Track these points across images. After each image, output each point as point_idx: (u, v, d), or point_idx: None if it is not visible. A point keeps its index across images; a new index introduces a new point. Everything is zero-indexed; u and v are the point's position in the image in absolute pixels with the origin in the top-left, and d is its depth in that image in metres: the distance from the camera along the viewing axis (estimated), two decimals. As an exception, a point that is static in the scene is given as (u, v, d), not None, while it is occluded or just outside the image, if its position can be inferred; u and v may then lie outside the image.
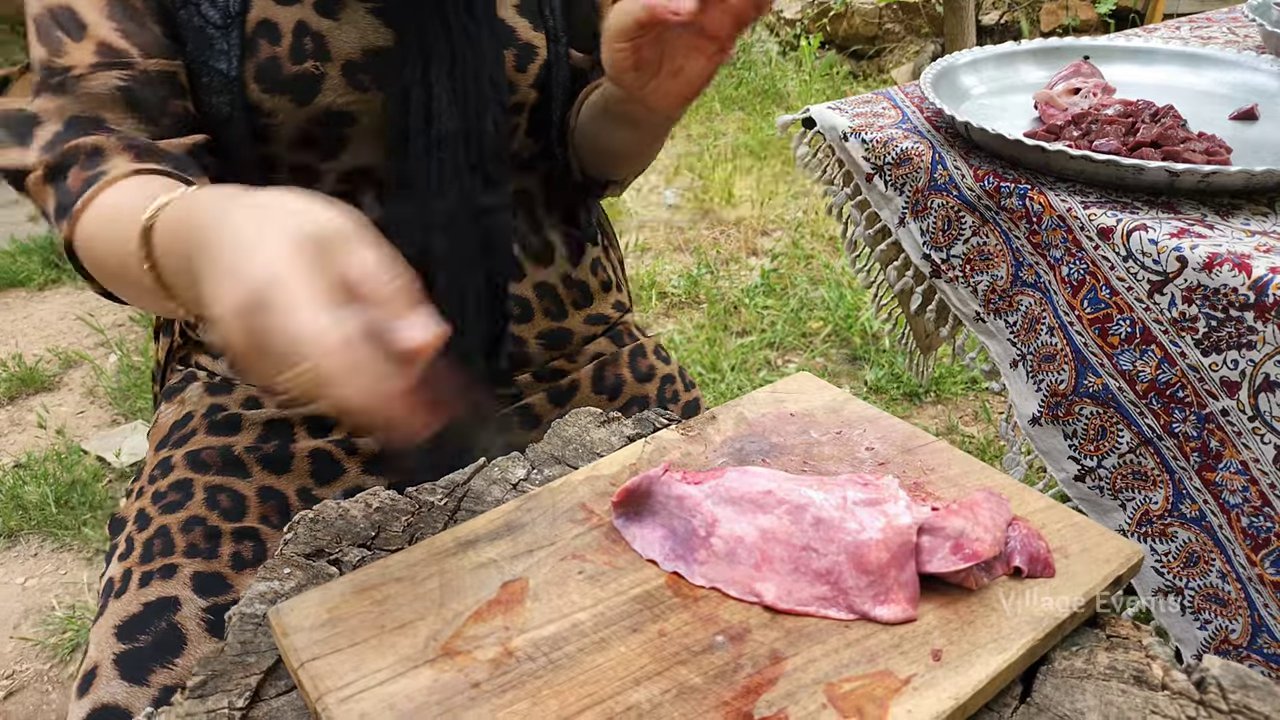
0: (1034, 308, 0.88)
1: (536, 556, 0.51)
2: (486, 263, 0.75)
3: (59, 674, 1.38)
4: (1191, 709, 0.44)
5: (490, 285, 0.76)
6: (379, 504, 0.58)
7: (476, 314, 0.76)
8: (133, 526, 0.73)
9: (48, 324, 2.30)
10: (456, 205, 0.73)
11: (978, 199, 0.91)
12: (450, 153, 0.72)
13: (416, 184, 0.72)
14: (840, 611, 0.47)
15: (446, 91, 0.71)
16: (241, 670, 0.47)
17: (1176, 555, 0.78)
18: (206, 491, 0.73)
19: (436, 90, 0.71)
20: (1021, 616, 0.47)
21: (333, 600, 0.49)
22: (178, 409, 0.79)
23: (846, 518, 0.48)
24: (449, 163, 0.72)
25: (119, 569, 0.70)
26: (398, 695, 0.43)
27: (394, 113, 0.71)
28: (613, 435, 0.65)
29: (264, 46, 0.68)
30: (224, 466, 0.74)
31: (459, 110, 0.72)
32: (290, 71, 0.68)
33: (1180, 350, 0.74)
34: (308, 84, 0.69)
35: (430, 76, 0.70)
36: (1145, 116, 0.92)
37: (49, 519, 1.63)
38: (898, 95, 1.14)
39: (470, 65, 0.71)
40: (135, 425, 1.88)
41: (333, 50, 0.69)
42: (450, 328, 0.65)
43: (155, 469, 0.76)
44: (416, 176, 0.72)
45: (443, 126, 0.71)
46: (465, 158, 0.73)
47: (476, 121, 0.73)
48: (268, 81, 0.68)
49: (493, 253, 0.76)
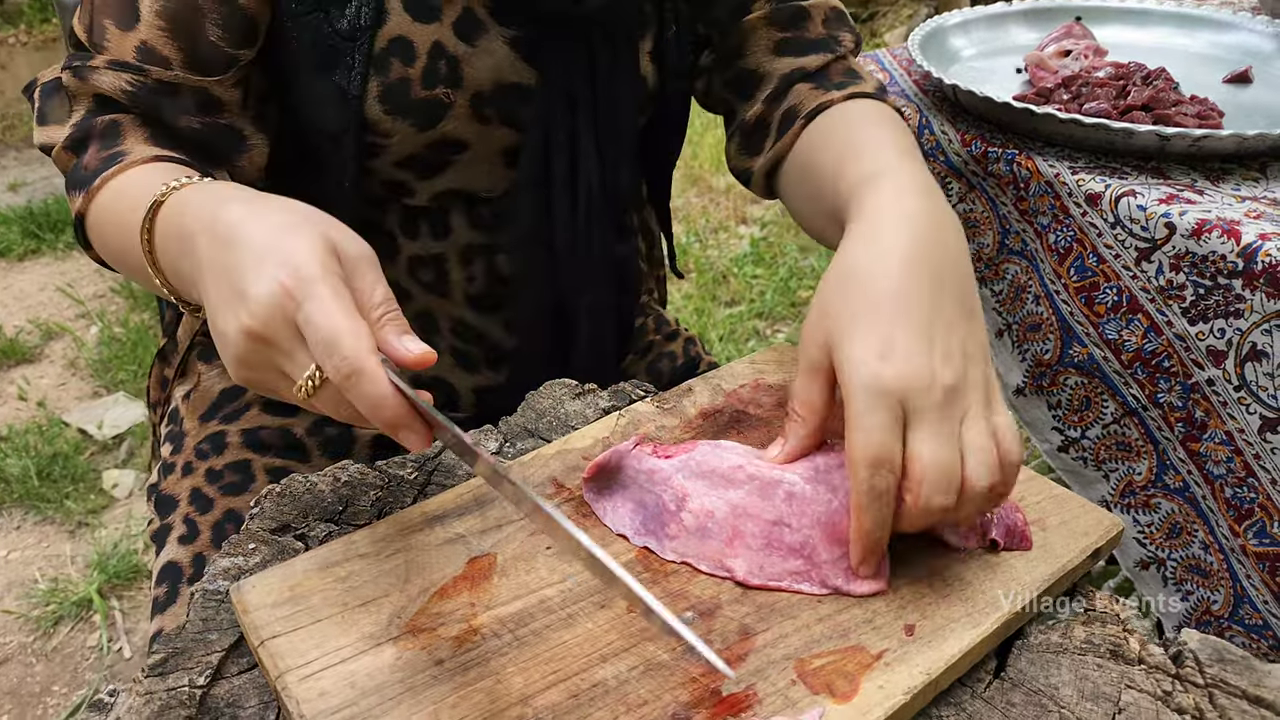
0: (1020, 276, 0.86)
1: (505, 532, 0.50)
2: (621, 306, 0.76)
3: (43, 647, 1.37)
4: (1168, 683, 0.43)
5: (621, 327, 0.77)
6: (347, 478, 0.57)
7: (613, 355, 0.76)
8: (190, 508, 0.70)
9: (27, 295, 2.27)
10: (599, 259, 0.71)
11: (964, 164, 0.89)
12: (596, 208, 0.69)
13: (557, 235, 0.69)
14: (813, 586, 0.46)
15: (591, 141, 0.68)
16: (203, 648, 0.46)
17: (1159, 526, 0.77)
18: (269, 474, 0.71)
19: (583, 142, 0.67)
20: (996, 590, 0.46)
21: (295, 577, 0.48)
22: (224, 375, 0.76)
23: (819, 488, 0.47)
24: (596, 218, 0.69)
25: (185, 553, 0.68)
26: (359, 673, 0.42)
27: (532, 159, 0.67)
28: (588, 408, 0.63)
29: (395, 66, 0.62)
30: (284, 448, 0.72)
31: (600, 161, 0.69)
32: (419, 96, 0.63)
33: (1167, 319, 0.73)
34: (434, 110, 0.64)
35: (578, 124, 0.67)
36: (1136, 79, 0.90)
37: (31, 492, 1.62)
38: (885, 57, 1.12)
39: (613, 115, 0.68)
40: (117, 398, 1.86)
41: (466, 78, 0.64)
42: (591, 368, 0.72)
43: (204, 442, 0.73)
44: (557, 228, 0.69)
45: (591, 180, 0.68)
46: (604, 210, 0.70)
47: (614, 173, 0.70)
48: (393, 103, 0.63)
49: (626, 297, 0.76)
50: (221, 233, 0.45)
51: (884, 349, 0.43)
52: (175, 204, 0.51)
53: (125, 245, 0.55)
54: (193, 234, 0.47)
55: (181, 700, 0.43)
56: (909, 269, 0.45)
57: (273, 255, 0.43)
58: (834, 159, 0.58)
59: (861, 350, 0.43)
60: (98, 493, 1.64)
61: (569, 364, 0.74)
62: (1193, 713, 0.42)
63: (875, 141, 0.57)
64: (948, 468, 0.42)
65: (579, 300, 0.72)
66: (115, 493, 1.64)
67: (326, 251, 0.43)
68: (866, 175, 0.53)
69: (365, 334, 0.41)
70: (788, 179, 0.69)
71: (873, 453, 0.42)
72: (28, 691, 1.31)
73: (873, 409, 0.42)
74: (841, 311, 0.45)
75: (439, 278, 0.73)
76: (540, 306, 0.72)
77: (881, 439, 0.42)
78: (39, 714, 1.28)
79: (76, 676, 1.33)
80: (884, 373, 0.42)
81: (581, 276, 0.71)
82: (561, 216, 0.69)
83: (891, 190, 0.50)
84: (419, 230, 0.72)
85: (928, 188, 0.51)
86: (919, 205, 0.48)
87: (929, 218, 0.48)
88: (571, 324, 0.73)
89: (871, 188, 0.51)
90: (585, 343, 0.73)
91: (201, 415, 0.75)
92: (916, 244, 0.46)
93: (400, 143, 0.65)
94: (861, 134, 0.60)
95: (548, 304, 0.72)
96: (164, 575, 0.68)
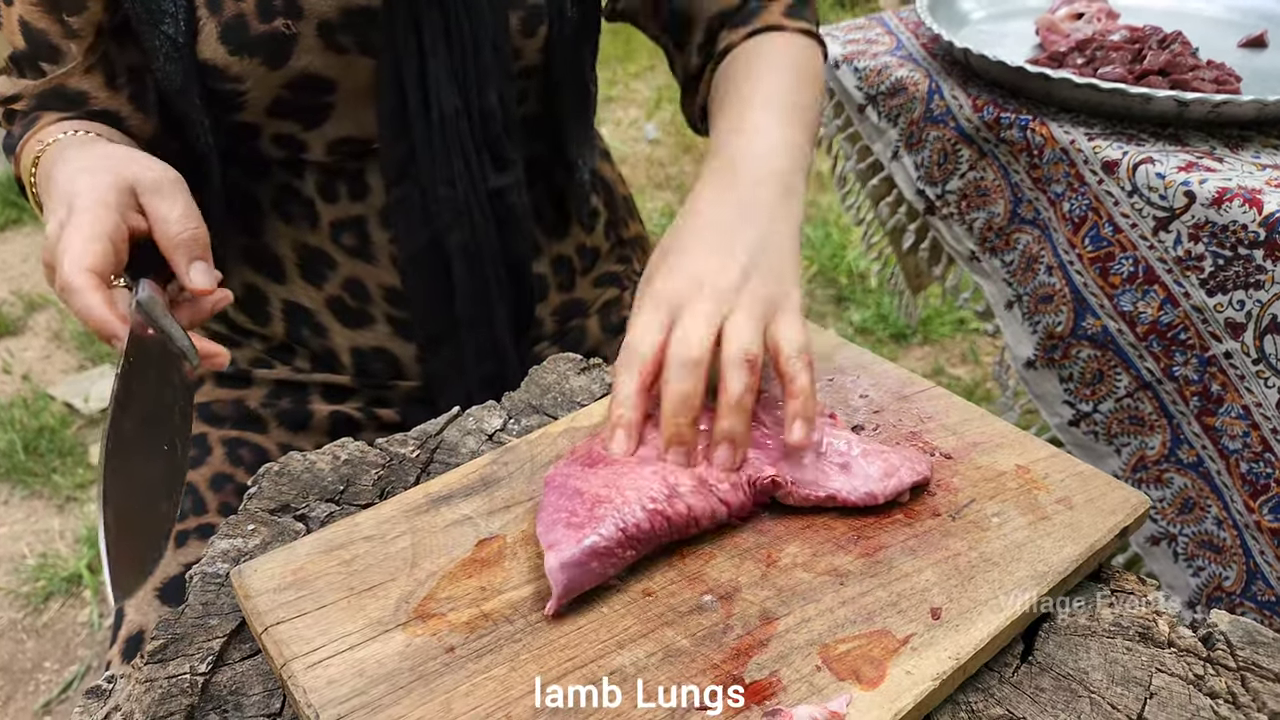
0: (1032, 246, 0.84)
1: (514, 513, 0.48)
2: (505, 246, 0.70)
3: (33, 623, 1.36)
4: (1199, 666, 0.42)
5: (512, 270, 0.72)
6: (348, 456, 0.55)
7: (500, 300, 0.71)
8: None
9: (9, 265, 2.22)
10: (467, 191, 0.67)
11: (976, 131, 0.87)
12: (453, 134, 0.65)
13: (420, 169, 0.66)
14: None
15: (444, 65, 0.64)
16: (203, 633, 0.45)
17: (1171, 501, 0.76)
18: (225, 445, 0.70)
19: (432, 64, 0.64)
20: (1024, 571, 0.44)
21: (298, 560, 0.46)
22: None
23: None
24: (454, 145, 0.66)
25: None
26: (368, 660, 0.41)
27: (387, 89, 0.64)
28: (593, 383, 0.61)
29: (228, 3, 0.60)
30: (239, 420, 0.71)
31: (458, 85, 0.65)
32: (259, 30, 0.61)
33: (1184, 290, 0.72)
34: (278, 45, 0.61)
35: (424, 46, 0.63)
36: (1152, 43, 0.87)
37: (18, 466, 1.59)
38: (892, 20, 1.09)
39: (468, 33, 0.64)
40: (102, 370, 1.83)
41: (306, 6, 0.61)
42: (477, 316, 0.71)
43: None
44: (420, 161, 0.66)
45: (443, 105, 0.64)
46: (471, 138, 0.66)
47: (479, 97, 0.66)
48: (234, 41, 0.61)
49: (511, 235, 0.71)
50: (52, 178, 0.55)
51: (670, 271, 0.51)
52: (51, 151, 0.58)
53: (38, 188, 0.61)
54: (48, 178, 0.56)
55: (183, 688, 0.42)
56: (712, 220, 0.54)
57: (63, 196, 0.51)
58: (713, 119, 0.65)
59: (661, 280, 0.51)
60: (85, 467, 1.61)
61: (453, 310, 0.71)
62: (1225, 697, 0.41)
63: (741, 99, 0.62)
64: (693, 341, 0.48)
65: (449, 238, 0.68)
66: (104, 467, 1.62)
67: (110, 187, 0.51)
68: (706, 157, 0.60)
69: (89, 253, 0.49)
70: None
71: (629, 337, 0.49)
72: (19, 668, 1.29)
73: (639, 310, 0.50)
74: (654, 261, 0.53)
75: (362, 241, 0.70)
76: (416, 247, 0.69)
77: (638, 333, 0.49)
78: (31, 690, 1.26)
79: (68, 653, 1.31)
80: (656, 284, 0.51)
81: (450, 212, 0.67)
82: (419, 143, 0.66)
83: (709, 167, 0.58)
84: (338, 193, 0.69)
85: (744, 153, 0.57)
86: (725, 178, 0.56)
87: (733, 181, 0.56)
88: (447, 266, 0.69)
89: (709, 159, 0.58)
90: (463, 286, 0.70)
91: None
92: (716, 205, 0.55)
93: (256, 86, 0.62)
94: (735, 89, 0.64)
95: (423, 244, 0.68)
96: None
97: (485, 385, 0.72)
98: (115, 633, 0.64)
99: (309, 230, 0.70)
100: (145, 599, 0.64)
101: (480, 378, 0.73)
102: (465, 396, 0.71)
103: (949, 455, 0.52)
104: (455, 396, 0.72)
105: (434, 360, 0.72)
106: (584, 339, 0.81)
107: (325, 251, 0.70)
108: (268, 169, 0.69)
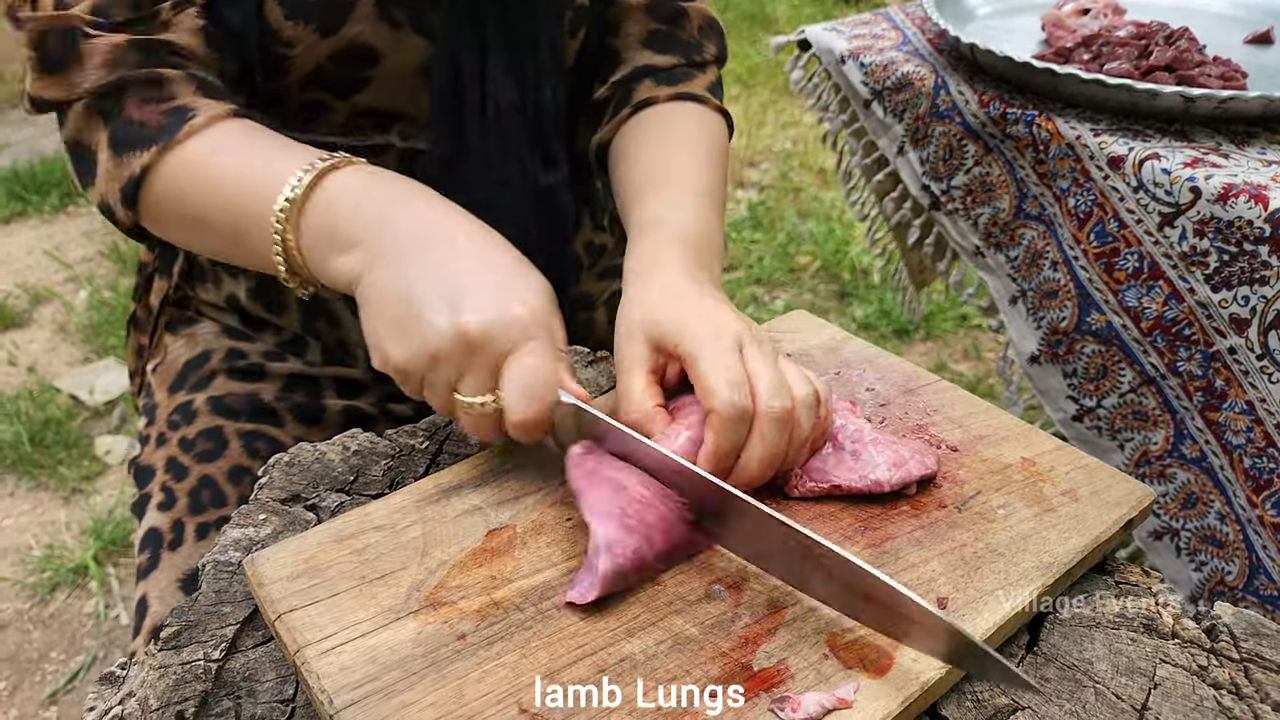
0: (1037, 241, 0.85)
1: (524, 503, 0.49)
2: (554, 244, 0.70)
3: (40, 613, 1.36)
4: (1203, 658, 0.42)
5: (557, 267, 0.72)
6: (357, 446, 0.56)
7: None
8: (167, 475, 0.69)
9: (15, 258, 2.23)
10: (519, 191, 0.67)
11: (981, 126, 0.87)
12: (508, 130, 0.65)
13: (473, 164, 0.65)
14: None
15: (503, 61, 0.63)
16: (217, 620, 0.45)
17: (1174, 496, 0.76)
18: (242, 439, 0.70)
19: (492, 61, 0.63)
20: (1029, 562, 0.45)
21: (310, 549, 0.46)
22: (188, 346, 0.75)
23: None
24: (510, 142, 0.65)
25: (164, 520, 0.67)
26: (380, 647, 0.41)
27: (442, 83, 0.63)
28: (600, 375, 0.62)
29: None
30: (254, 414, 0.71)
31: (515, 81, 0.64)
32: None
33: (1189, 286, 0.72)
34: (335, 10, 0.59)
35: (485, 41, 0.62)
36: (1159, 39, 0.87)
37: (24, 458, 1.60)
38: (898, 15, 1.09)
39: (528, 29, 0.63)
40: (108, 363, 1.84)
41: None
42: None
43: (175, 413, 0.72)
44: (473, 160, 0.65)
45: (500, 100, 0.63)
46: (524, 135, 0.66)
47: (534, 94, 0.65)
48: (291, 5, 0.59)
49: (556, 235, 0.71)
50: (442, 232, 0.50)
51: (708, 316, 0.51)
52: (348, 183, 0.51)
53: (220, 206, 0.54)
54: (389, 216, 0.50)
55: (197, 674, 0.42)
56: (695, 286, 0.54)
57: (510, 285, 0.48)
58: (637, 181, 0.64)
59: (694, 318, 0.50)
60: (91, 459, 1.62)
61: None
62: (1228, 688, 0.41)
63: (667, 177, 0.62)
64: (778, 376, 0.48)
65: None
66: (108, 459, 1.62)
67: (552, 299, 0.49)
68: (650, 220, 0.59)
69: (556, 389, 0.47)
70: (611, 163, 0.70)
71: (732, 374, 0.47)
72: (26, 658, 1.30)
73: (723, 346, 0.48)
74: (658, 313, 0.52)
75: None
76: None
77: (734, 362, 0.48)
78: (37, 680, 1.27)
79: (75, 643, 1.32)
80: (721, 322, 0.50)
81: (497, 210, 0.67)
82: (473, 140, 0.65)
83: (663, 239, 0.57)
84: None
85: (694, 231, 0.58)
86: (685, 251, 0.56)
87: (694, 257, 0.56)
88: None
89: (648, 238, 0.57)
90: None
91: (169, 386, 0.75)
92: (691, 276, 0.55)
93: (304, 53, 0.60)
94: (660, 160, 0.64)
95: None
96: (146, 542, 0.68)
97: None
98: (139, 623, 0.64)
99: None
100: (169, 590, 0.64)
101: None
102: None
103: (955, 448, 0.52)
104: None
105: None
106: (591, 331, 0.82)
107: None
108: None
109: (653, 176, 0.63)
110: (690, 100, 0.68)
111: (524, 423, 0.47)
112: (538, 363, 0.47)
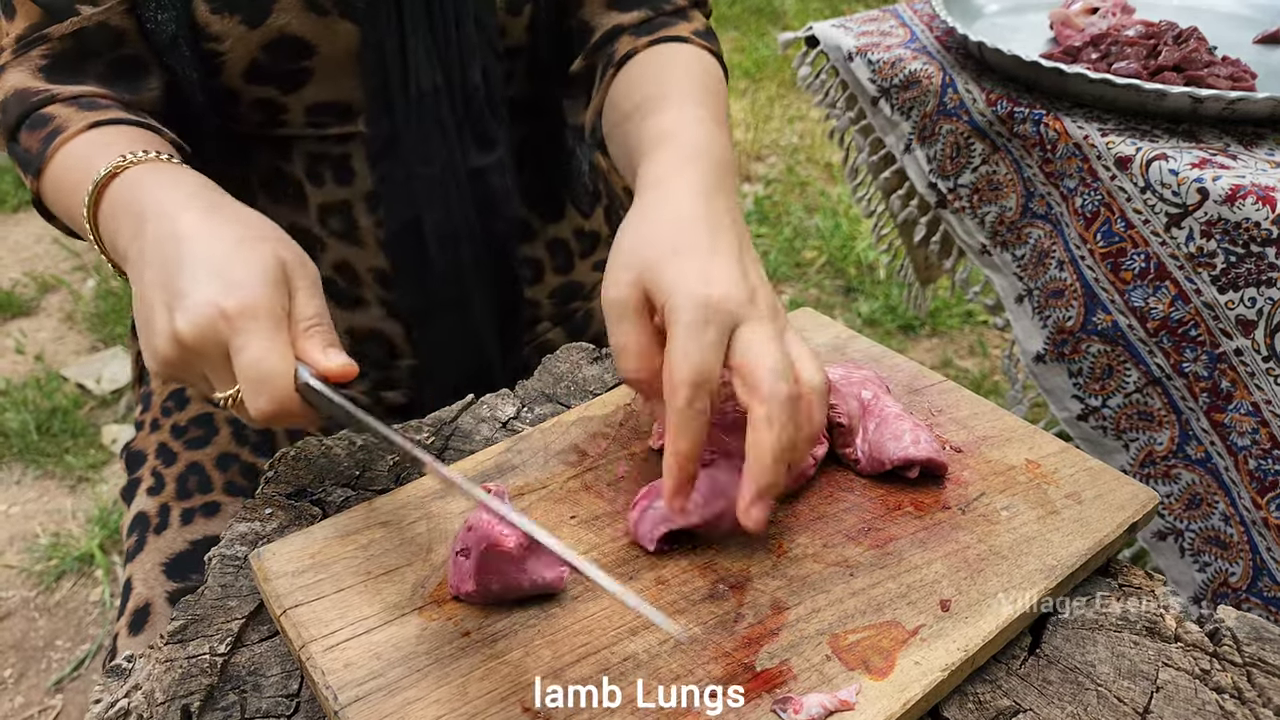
0: (1044, 240, 0.84)
1: (527, 500, 0.49)
2: (487, 228, 0.70)
3: (45, 601, 1.37)
4: (1205, 661, 0.42)
5: (494, 252, 0.71)
6: (363, 441, 0.56)
7: (478, 284, 0.70)
8: (157, 461, 0.71)
9: (23, 247, 2.23)
10: (443, 170, 0.66)
11: (989, 125, 0.87)
12: (432, 112, 0.65)
13: (403, 148, 0.66)
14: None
15: (424, 42, 0.63)
16: (222, 614, 0.45)
17: (1178, 497, 0.76)
18: (231, 425, 0.71)
19: (412, 40, 0.63)
20: (1033, 565, 0.45)
21: (316, 544, 0.46)
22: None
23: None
24: (431, 123, 0.65)
25: (152, 504, 0.69)
26: (384, 644, 0.41)
27: (370, 66, 0.64)
28: (605, 372, 0.62)
29: None
30: None
31: (439, 62, 0.64)
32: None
33: (1195, 287, 0.72)
34: (258, 2, 0.61)
35: (404, 21, 0.63)
36: (1168, 39, 0.87)
37: (30, 446, 1.60)
38: (906, 12, 1.09)
39: (449, 9, 0.64)
40: (115, 352, 1.84)
41: None
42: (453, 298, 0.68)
43: (168, 400, 0.74)
44: (403, 140, 0.65)
45: (421, 81, 0.64)
46: (451, 116, 0.66)
47: (461, 73, 0.65)
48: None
49: (493, 216, 0.70)
50: (171, 229, 0.48)
51: (706, 277, 0.45)
52: (128, 181, 0.52)
53: (73, 214, 0.56)
54: (143, 216, 0.49)
55: (203, 668, 0.42)
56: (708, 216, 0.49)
57: (221, 273, 0.45)
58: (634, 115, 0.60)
59: (687, 277, 0.44)
60: (97, 448, 1.63)
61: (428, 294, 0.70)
62: (1231, 692, 0.41)
63: (665, 97, 0.59)
64: (782, 359, 0.43)
65: (425, 218, 0.67)
66: (114, 448, 1.63)
67: (276, 272, 0.46)
68: (654, 138, 0.55)
69: (289, 373, 0.45)
70: (606, 131, 0.68)
71: (695, 373, 0.42)
72: (31, 645, 1.31)
73: (702, 327, 0.43)
74: (653, 253, 0.46)
75: (349, 225, 0.70)
76: (398, 225, 0.68)
77: (704, 358, 0.43)
78: (43, 668, 1.28)
79: (80, 631, 1.33)
80: (711, 293, 0.44)
81: (426, 192, 0.67)
82: (400, 122, 0.65)
83: (675, 155, 0.53)
84: (324, 176, 0.69)
85: (706, 147, 0.53)
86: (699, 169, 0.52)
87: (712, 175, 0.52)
88: (425, 246, 0.69)
89: (656, 155, 0.54)
90: (438, 267, 0.69)
91: None
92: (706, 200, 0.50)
93: (235, 46, 0.61)
94: (655, 88, 0.61)
95: (404, 223, 0.68)
96: (134, 526, 0.69)
97: (467, 367, 0.72)
98: (123, 605, 0.65)
99: (299, 213, 0.70)
100: (153, 573, 0.65)
101: (460, 360, 0.72)
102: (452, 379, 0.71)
103: (959, 449, 0.52)
104: (444, 379, 0.72)
105: (420, 342, 0.73)
106: (589, 323, 0.81)
107: (314, 234, 0.71)
108: (256, 147, 0.69)
109: (653, 99, 0.59)
110: (674, 42, 0.66)
111: (262, 416, 0.45)
112: (256, 353, 0.44)
